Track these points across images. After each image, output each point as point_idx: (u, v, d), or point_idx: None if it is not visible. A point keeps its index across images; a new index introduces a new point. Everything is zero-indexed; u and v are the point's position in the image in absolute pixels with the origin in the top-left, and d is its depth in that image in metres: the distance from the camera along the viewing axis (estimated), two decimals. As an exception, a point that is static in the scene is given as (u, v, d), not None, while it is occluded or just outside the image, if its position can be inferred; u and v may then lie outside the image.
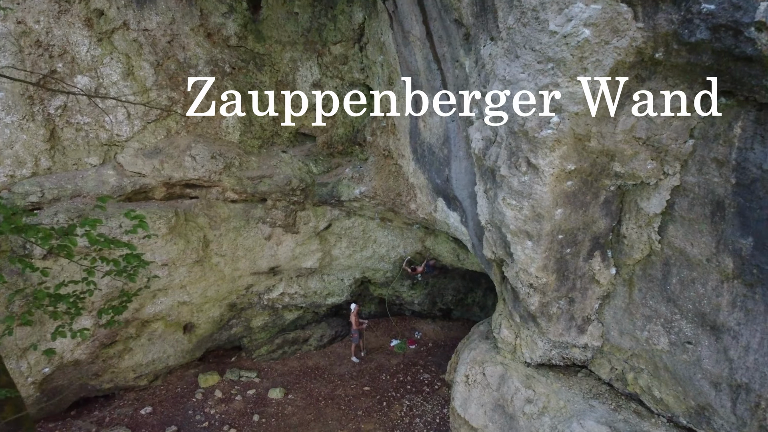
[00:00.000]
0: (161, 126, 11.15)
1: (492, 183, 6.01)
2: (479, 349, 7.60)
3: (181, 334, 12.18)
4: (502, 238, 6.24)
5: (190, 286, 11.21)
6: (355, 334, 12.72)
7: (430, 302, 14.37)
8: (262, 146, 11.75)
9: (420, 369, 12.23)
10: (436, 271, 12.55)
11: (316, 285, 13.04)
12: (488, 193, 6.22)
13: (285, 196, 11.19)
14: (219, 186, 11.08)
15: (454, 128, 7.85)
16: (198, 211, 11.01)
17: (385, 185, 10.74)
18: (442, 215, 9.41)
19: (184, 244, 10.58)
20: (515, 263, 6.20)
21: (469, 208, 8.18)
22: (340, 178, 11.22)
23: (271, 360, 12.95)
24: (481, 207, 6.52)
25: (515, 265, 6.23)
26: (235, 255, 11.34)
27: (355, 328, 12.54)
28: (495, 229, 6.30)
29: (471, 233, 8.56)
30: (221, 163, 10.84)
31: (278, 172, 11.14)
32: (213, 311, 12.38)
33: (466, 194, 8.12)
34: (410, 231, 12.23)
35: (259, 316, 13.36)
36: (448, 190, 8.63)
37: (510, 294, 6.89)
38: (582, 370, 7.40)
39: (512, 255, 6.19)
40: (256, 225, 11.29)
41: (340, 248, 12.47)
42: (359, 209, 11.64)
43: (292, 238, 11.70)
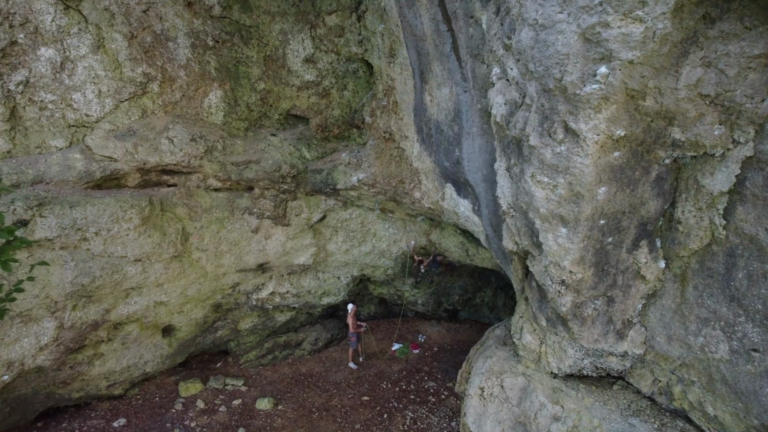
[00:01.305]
0: (136, 105, 10.14)
1: (518, 157, 5.01)
2: (496, 358, 6.60)
3: (159, 338, 11.18)
4: (529, 224, 5.24)
5: (167, 284, 10.21)
6: (353, 337, 11.76)
7: (435, 302, 13.37)
8: (249, 129, 10.74)
9: (425, 376, 11.24)
10: (442, 267, 11.55)
11: (309, 283, 12.05)
12: (512, 170, 5.22)
13: (274, 183, 10.18)
14: (200, 172, 10.08)
15: (467, 100, 6.84)
16: (176, 201, 10.01)
17: (386, 171, 9.74)
18: (450, 204, 8.41)
19: (160, 237, 9.58)
20: (544, 255, 5.20)
21: (484, 193, 7.18)
22: (336, 164, 10.22)
23: (260, 366, 11.95)
24: (503, 188, 5.52)
25: (544, 257, 5.23)
26: (219, 250, 10.34)
27: (353, 330, 11.58)
28: (520, 214, 5.29)
29: (485, 223, 7.56)
30: (202, 147, 9.84)
31: (266, 157, 10.14)
32: (195, 312, 11.39)
33: (479, 177, 7.12)
34: (414, 223, 11.23)
35: (247, 317, 12.38)
36: (458, 174, 7.63)
37: (535, 293, 5.89)
38: (618, 381, 6.41)
39: (541, 246, 5.19)
40: (241, 216, 10.28)
41: (336, 243, 11.47)
42: (357, 199, 10.64)
43: (283, 231, 10.70)
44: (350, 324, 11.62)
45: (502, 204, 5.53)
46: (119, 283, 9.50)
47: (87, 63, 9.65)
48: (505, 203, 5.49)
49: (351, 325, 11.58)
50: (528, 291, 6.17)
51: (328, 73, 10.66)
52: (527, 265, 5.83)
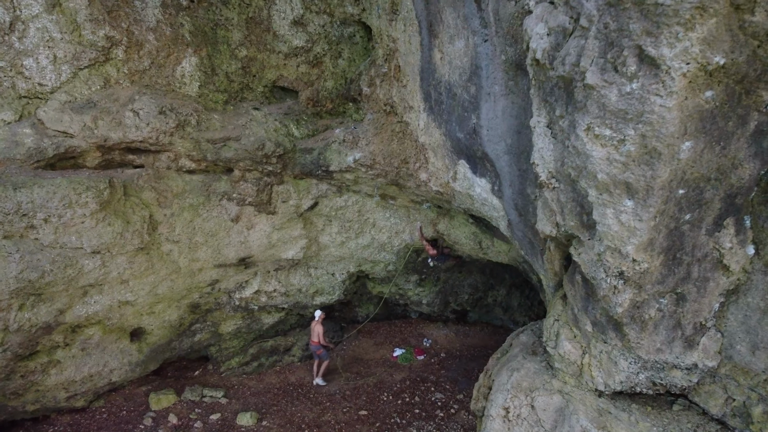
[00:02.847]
0: (97, 74, 8.91)
1: (566, 106, 3.80)
2: (525, 371, 5.40)
3: (126, 343, 9.98)
4: (579, 198, 4.04)
5: (133, 280, 9.01)
6: (319, 350, 10.25)
7: (442, 302, 12.18)
8: (229, 102, 9.52)
9: (431, 387, 10.05)
10: (451, 260, 10.35)
11: (300, 281, 10.86)
12: (556, 126, 4.02)
13: (256, 164, 8.98)
14: (170, 151, 8.87)
15: (487, 52, 5.64)
16: (143, 184, 8.81)
17: (387, 150, 8.53)
18: (463, 185, 7.21)
19: (123, 225, 8.37)
20: (598, 239, 4.00)
21: (507, 168, 5.98)
22: (329, 142, 9.01)
23: (243, 375, 10.76)
24: (541, 152, 4.30)
25: (598, 242, 4.03)
26: (193, 241, 9.14)
27: (319, 343, 10.12)
28: (566, 184, 4.09)
29: (507, 206, 6.36)
30: (173, 121, 8.62)
31: (248, 134, 8.93)
32: (169, 313, 10.19)
33: (502, 149, 5.92)
34: (418, 212, 10.02)
35: (229, 319, 11.18)
36: (474, 146, 6.42)
37: (579, 289, 4.69)
38: (678, 400, 5.22)
39: (594, 226, 3.99)
40: (219, 202, 9.08)
41: (329, 234, 10.27)
42: (353, 183, 9.44)
43: (268, 220, 9.49)
44: (316, 334, 10.10)
45: (540, 173, 4.32)
46: (74, 278, 8.30)
47: (41, 24, 8.43)
48: (544, 172, 4.28)
49: (318, 335, 10.08)
50: (568, 288, 4.97)
51: (320, 38, 9.45)
52: (570, 254, 4.63)
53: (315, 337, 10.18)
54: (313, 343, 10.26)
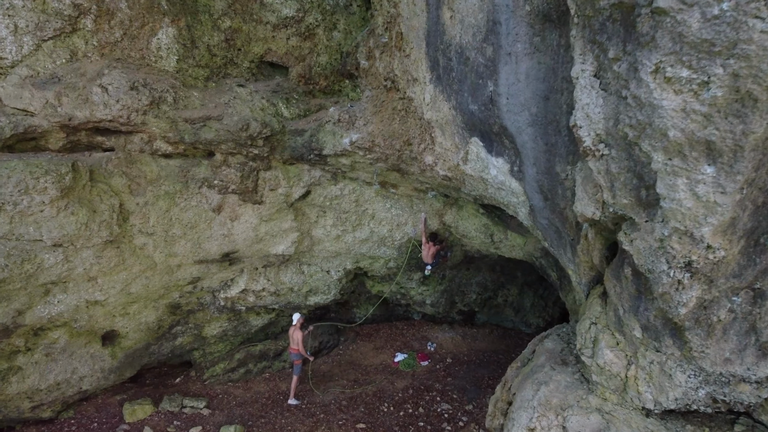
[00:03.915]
0: (63, 46, 8.05)
1: (622, 44, 2.96)
2: (554, 384, 4.57)
3: (98, 347, 9.15)
4: (638, 165, 3.19)
5: (102, 278, 8.18)
6: (297, 360, 9.12)
7: (447, 302, 11.34)
8: (211, 79, 8.66)
9: (436, 396, 9.21)
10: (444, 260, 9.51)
11: (292, 279, 10.02)
12: (608, 73, 3.17)
13: (240, 147, 8.13)
14: (143, 132, 8.02)
15: (507, 3, 4.79)
16: (112, 169, 7.96)
17: (388, 130, 7.69)
18: (476, 167, 6.37)
19: (88, 215, 7.53)
20: (663, 219, 3.16)
21: (531, 143, 5.14)
22: (322, 123, 8.16)
23: (228, 382, 9.92)
24: (586, 110, 3.44)
25: (661, 223, 3.19)
26: (170, 234, 8.29)
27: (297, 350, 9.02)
28: (620, 149, 3.24)
29: (529, 189, 5.52)
30: (146, 98, 7.77)
31: (231, 113, 8.08)
32: (146, 315, 9.36)
33: (525, 120, 5.08)
34: (423, 201, 9.18)
35: (214, 321, 10.35)
36: (490, 119, 5.58)
37: (628, 286, 3.85)
38: (740, 419, 4.39)
39: (658, 202, 3.15)
40: (198, 190, 8.23)
41: (324, 227, 9.43)
42: (350, 169, 8.60)
43: (254, 210, 8.65)
44: (295, 341, 9.03)
45: (584, 138, 3.47)
46: (34, 275, 7.46)
47: (-4, -11, 7.60)
48: (589, 136, 3.43)
49: (297, 342, 9.01)
50: (611, 284, 4.12)
51: (313, 7, 8.59)
52: (616, 243, 3.78)
53: (294, 344, 9.14)
54: (293, 350, 9.22)
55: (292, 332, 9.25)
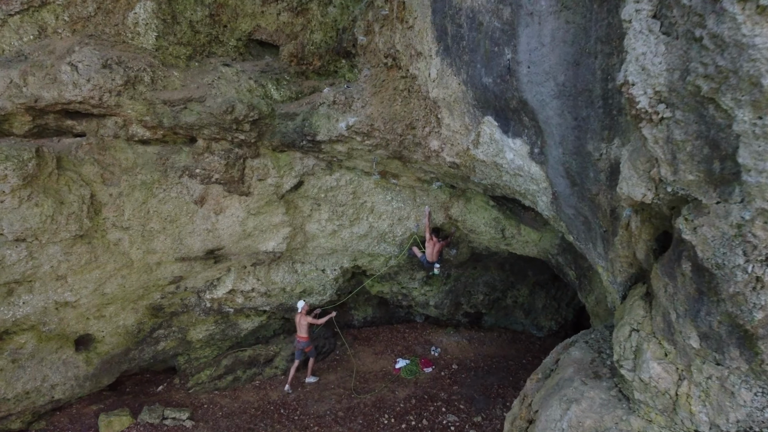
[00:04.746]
0: (31, 21, 7.41)
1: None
2: (587, 402, 3.89)
3: (71, 353, 8.49)
4: (713, 129, 2.50)
5: (73, 276, 7.51)
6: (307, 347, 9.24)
7: (452, 303, 10.67)
8: (193, 58, 7.99)
9: (441, 406, 8.54)
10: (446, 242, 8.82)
11: (284, 278, 9.35)
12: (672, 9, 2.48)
13: (225, 132, 7.45)
14: (118, 115, 7.35)
15: (530, -47, 4.13)
16: (83, 155, 7.29)
17: (388, 112, 7.01)
18: (489, 150, 5.69)
19: (54, 206, 6.86)
20: (744, 198, 2.49)
21: (557, 117, 4.47)
22: (316, 105, 7.49)
23: (215, 391, 9.25)
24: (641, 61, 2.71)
25: (740, 204, 2.52)
26: (147, 228, 7.62)
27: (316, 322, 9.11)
28: (688, 109, 2.56)
29: (554, 172, 4.84)
30: (120, 77, 7.10)
31: (214, 94, 7.40)
32: (124, 317, 8.69)
33: (550, 90, 4.40)
34: (427, 193, 8.50)
35: (200, 324, 9.68)
36: (507, 93, 4.90)
37: (686, 284, 3.17)
38: (811, 447, 3.72)
39: (738, 177, 2.47)
40: (178, 180, 7.55)
41: (318, 221, 8.75)
42: (346, 157, 7.92)
43: (241, 203, 7.97)
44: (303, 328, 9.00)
45: (638, 98, 2.77)
46: (-7, 274, 6.81)
47: (-46, -43, 6.96)
48: (645, 94, 2.74)
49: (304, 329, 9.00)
50: (661, 283, 3.44)
51: (306, -21, 7.92)
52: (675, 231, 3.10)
53: (303, 331, 9.05)
54: (300, 339, 9.16)
55: (299, 319, 9.07)
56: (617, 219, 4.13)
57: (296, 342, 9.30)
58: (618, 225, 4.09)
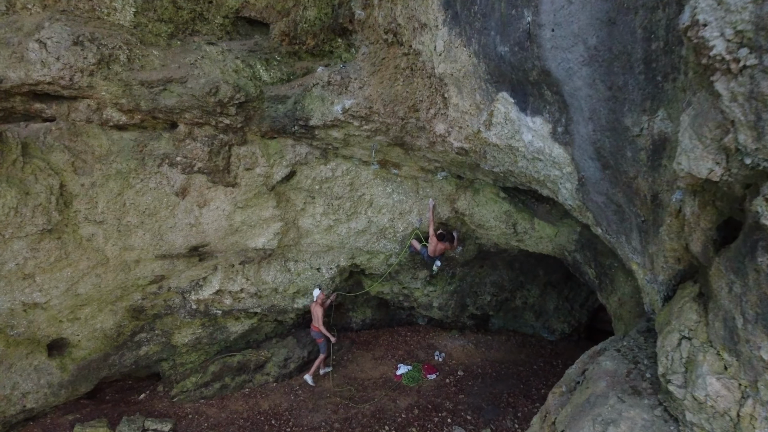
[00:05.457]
0: (-5, -5, 6.83)
1: None
2: (627, 425, 3.30)
3: (43, 359, 7.90)
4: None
5: (41, 275, 6.92)
6: (319, 339, 8.88)
7: (458, 305, 10.08)
8: (176, 36, 7.40)
9: (446, 417, 7.95)
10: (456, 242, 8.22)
11: (275, 278, 8.76)
12: None
13: (208, 116, 6.86)
14: (91, 97, 6.76)
15: None
16: (52, 142, 6.70)
17: (389, 93, 6.42)
18: (503, 132, 5.10)
19: (18, 197, 6.27)
20: None
21: (587, 88, 3.87)
22: (308, 87, 6.90)
23: (201, 399, 8.67)
24: None
25: None
26: (124, 223, 7.03)
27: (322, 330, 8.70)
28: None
29: (581, 154, 4.25)
30: (92, 55, 6.51)
31: (197, 74, 6.81)
32: (101, 320, 8.11)
33: (579, 56, 3.81)
34: (431, 184, 7.90)
35: (185, 327, 9.09)
36: (527, 63, 4.31)
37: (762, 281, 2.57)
38: None
39: None
40: (157, 169, 6.96)
41: (312, 216, 8.16)
42: (343, 144, 7.33)
43: (227, 195, 7.38)
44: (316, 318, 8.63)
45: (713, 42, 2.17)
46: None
47: None
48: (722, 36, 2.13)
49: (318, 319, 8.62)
50: (725, 281, 2.85)
51: (299, -51, 7.32)
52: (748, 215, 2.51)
53: (315, 321, 8.74)
54: (314, 329, 8.85)
55: (313, 308, 8.71)
56: (660, 206, 3.54)
57: (311, 331, 9.05)
58: (661, 213, 3.50)
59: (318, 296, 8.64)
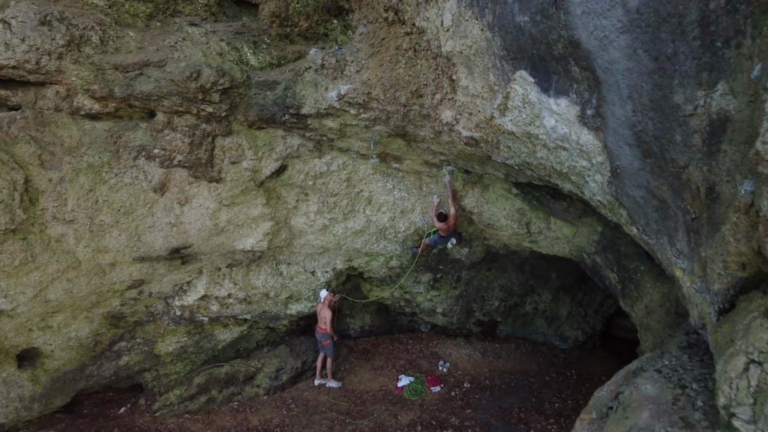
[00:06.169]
0: (-45, -29, 6.27)
1: None
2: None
3: (13, 370, 7.33)
4: None
5: (6, 279, 6.33)
6: (325, 341, 8.46)
7: (463, 310, 9.50)
8: (155, 16, 6.85)
9: (452, 435, 7.37)
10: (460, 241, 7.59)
11: (266, 282, 8.19)
12: None
13: (189, 103, 6.29)
14: (60, 83, 6.19)
15: None
16: (17, 132, 6.12)
17: (390, 77, 5.84)
18: (521, 118, 4.52)
19: (-25, 193, 5.71)
20: None
21: (625, 61, 3.29)
22: (300, 71, 6.32)
23: (185, 414, 8.09)
24: None
25: None
26: (97, 222, 6.46)
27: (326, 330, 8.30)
28: None
29: (615, 140, 3.67)
30: (61, 36, 5.95)
31: (177, 58, 6.24)
32: (76, 328, 7.55)
33: (617, 22, 3.23)
34: (435, 180, 7.32)
35: (169, 335, 8.53)
36: (551, 34, 3.73)
37: None
38: None
39: None
40: (133, 162, 6.39)
41: (306, 214, 7.58)
42: (339, 135, 6.76)
43: (211, 191, 6.81)
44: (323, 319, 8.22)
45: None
46: None
47: None
48: None
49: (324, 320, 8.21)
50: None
51: None
52: None
53: (322, 323, 8.34)
54: (320, 330, 8.45)
55: (320, 309, 8.32)
56: (717, 200, 2.97)
57: (316, 333, 8.64)
58: (719, 209, 2.92)
59: (325, 297, 8.24)
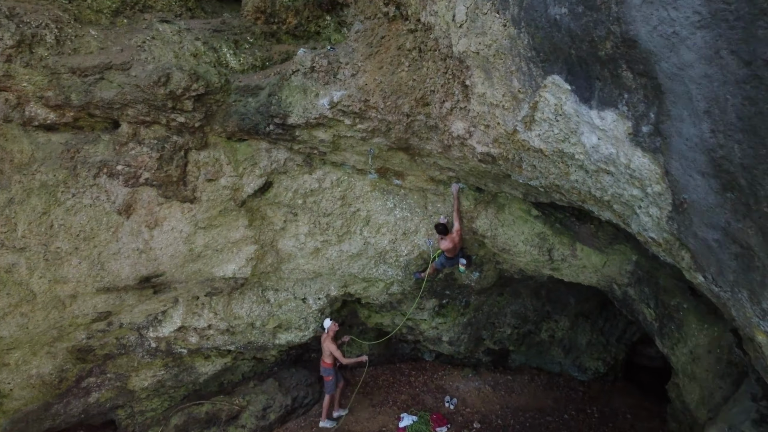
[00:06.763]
0: None
1: None
2: None
3: (-37, 414, 6.57)
4: None
5: (-54, 317, 5.57)
6: (328, 376, 7.65)
7: (472, 338, 8.68)
8: (122, 13, 6.08)
9: (461, 489, 6.55)
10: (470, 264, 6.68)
11: (251, 311, 7.38)
12: None
13: (158, 112, 5.50)
14: (9, 90, 5.42)
15: None
16: (-43, 147, 5.36)
17: (390, 82, 5.05)
18: (553, 133, 3.72)
19: None
20: None
21: (704, 64, 2.49)
22: (287, 75, 5.54)
23: (160, 460, 7.30)
24: None
25: None
26: (52, 249, 5.66)
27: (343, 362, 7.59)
28: None
29: (682, 166, 2.86)
30: (10, 36, 5.20)
31: (144, 59, 5.45)
32: (37, 364, 6.77)
33: (692, 14, 2.44)
34: (443, 198, 6.50)
35: (144, 368, 7.72)
36: (596, 30, 2.95)
37: None
38: None
39: None
40: (93, 181, 5.59)
41: (295, 236, 6.78)
42: (332, 148, 5.96)
43: (185, 212, 6.00)
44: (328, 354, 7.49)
45: None
46: None
47: None
48: None
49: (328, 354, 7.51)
50: None
51: None
52: None
53: (326, 356, 7.60)
54: (324, 364, 7.69)
55: (325, 343, 7.52)
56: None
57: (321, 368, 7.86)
58: None
59: (329, 328, 7.44)
